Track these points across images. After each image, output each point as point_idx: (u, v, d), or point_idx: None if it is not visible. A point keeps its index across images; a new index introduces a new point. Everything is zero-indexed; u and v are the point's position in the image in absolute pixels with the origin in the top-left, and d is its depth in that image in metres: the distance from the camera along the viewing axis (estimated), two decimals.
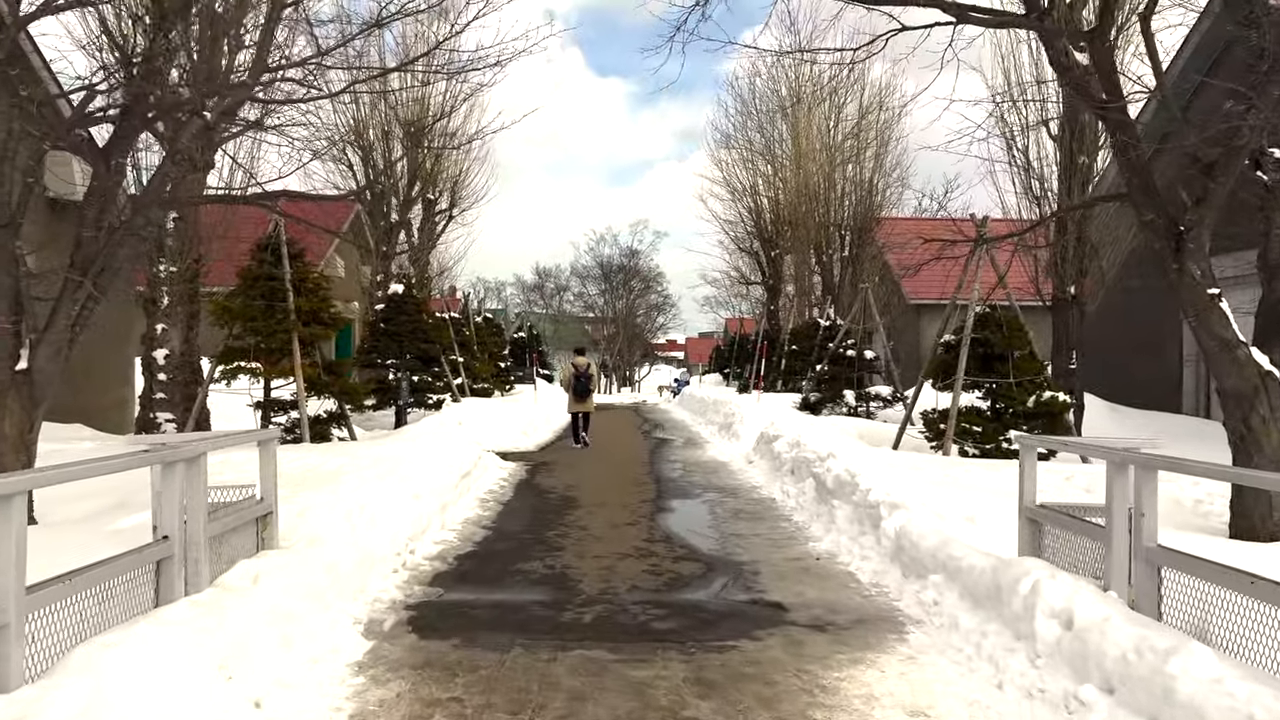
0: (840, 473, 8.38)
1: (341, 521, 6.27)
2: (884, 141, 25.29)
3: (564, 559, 6.79)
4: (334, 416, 11.43)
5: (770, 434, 12.40)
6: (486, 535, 7.73)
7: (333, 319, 11.20)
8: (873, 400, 16.34)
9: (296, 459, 9.01)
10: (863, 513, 7.34)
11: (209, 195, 10.43)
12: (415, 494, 7.69)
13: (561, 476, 11.73)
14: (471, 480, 10.04)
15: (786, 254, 30.35)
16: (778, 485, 10.40)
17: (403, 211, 22.19)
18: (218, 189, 13.19)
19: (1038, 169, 13.03)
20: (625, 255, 67.67)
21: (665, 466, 13.08)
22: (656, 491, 10.44)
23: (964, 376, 10.56)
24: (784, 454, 11.00)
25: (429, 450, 10.38)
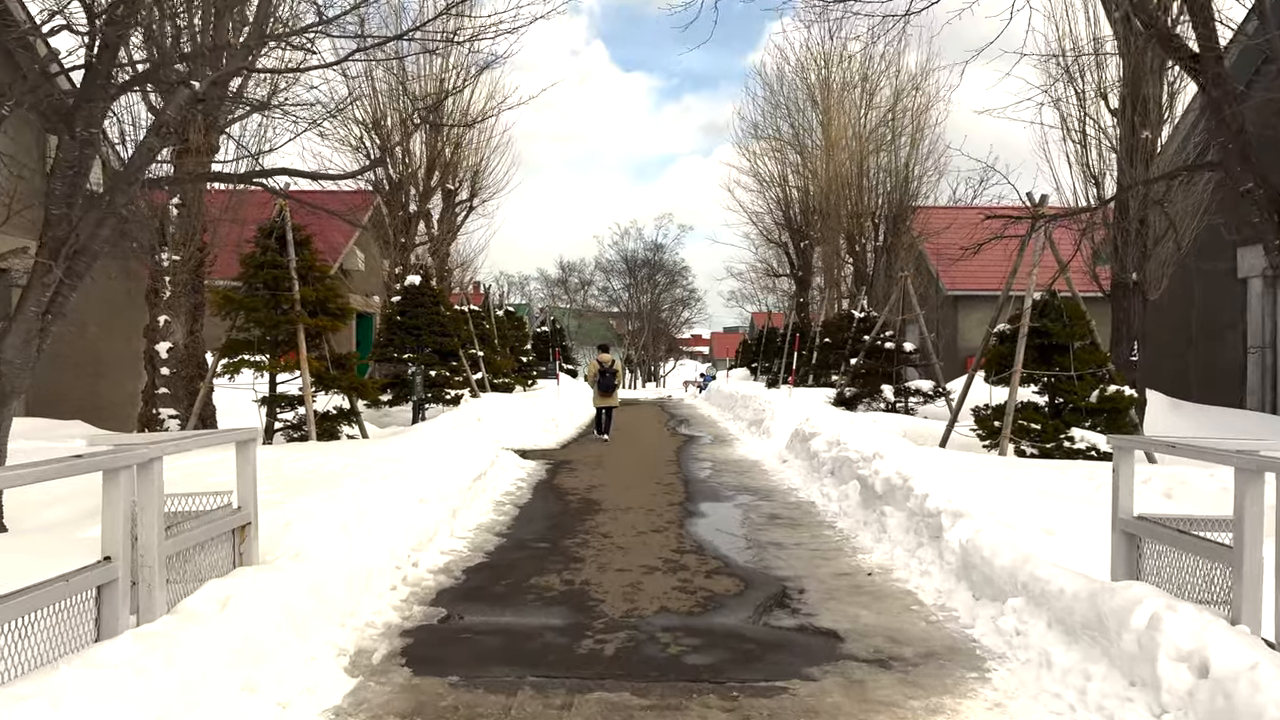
0: (890, 475, 7.58)
1: (335, 531, 5.58)
2: (919, 126, 24.32)
3: (584, 573, 6.06)
4: (344, 413, 10.79)
5: (806, 431, 11.60)
6: (500, 544, 7.01)
7: (341, 310, 10.55)
8: (912, 395, 15.48)
9: (300, 458, 8.36)
10: (919, 522, 6.54)
11: (197, 174, 9.78)
12: (421, 498, 7.00)
13: (584, 476, 11.01)
14: (486, 482, 9.35)
15: (817, 244, 29.44)
16: (816, 487, 9.61)
17: (422, 202, 21.59)
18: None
19: (1095, 145, 12.10)
20: (650, 249, 66.97)
21: (693, 466, 12.32)
22: (685, 494, 9.69)
23: (1021, 369, 9.70)
24: (822, 453, 10.21)
25: (441, 449, 9.70)
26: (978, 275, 28.83)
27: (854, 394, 16.41)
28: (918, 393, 15.39)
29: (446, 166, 21.98)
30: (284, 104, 11.45)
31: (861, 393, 16.09)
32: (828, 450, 10.10)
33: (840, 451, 9.45)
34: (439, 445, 10.04)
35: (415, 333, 15.82)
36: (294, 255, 10.16)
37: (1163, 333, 15.60)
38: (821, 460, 10.07)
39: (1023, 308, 9.92)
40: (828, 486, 9.31)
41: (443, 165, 21.88)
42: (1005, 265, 29.95)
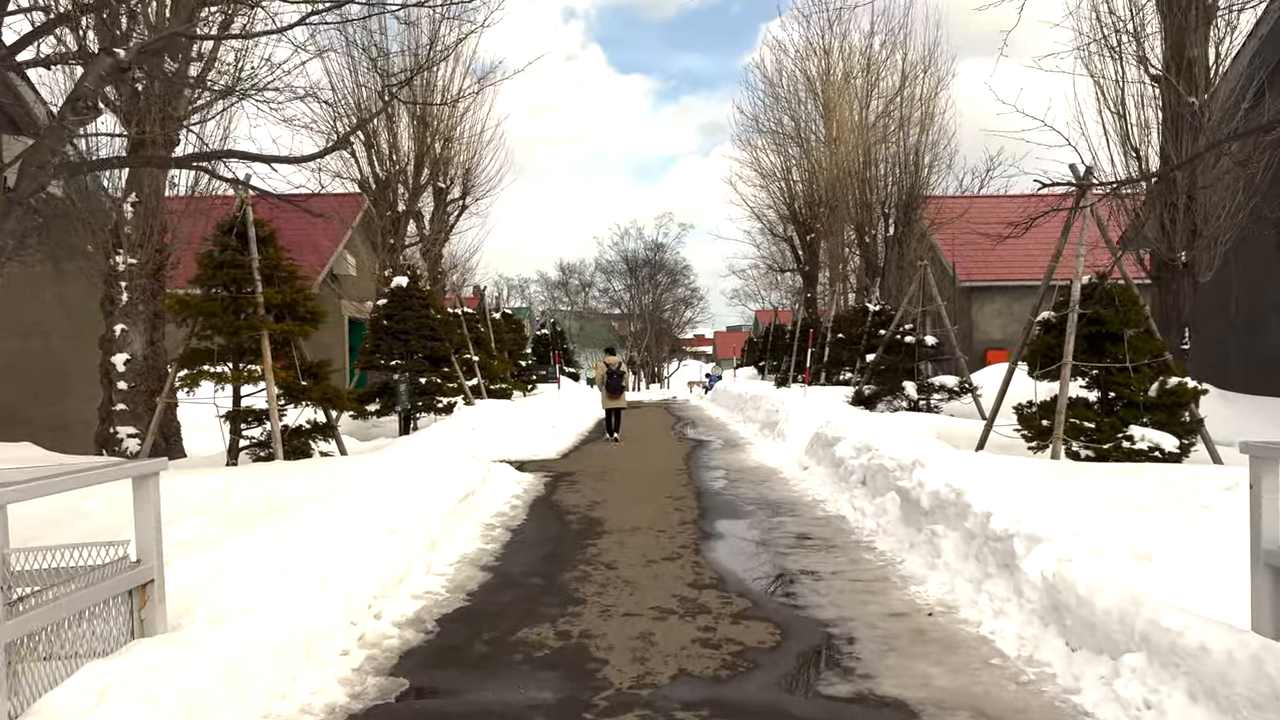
0: (938, 489, 6.52)
1: (276, 579, 4.54)
2: (929, 112, 23.23)
3: (584, 620, 5.00)
4: (318, 427, 9.76)
5: (829, 435, 10.54)
6: (485, 581, 5.96)
7: (312, 313, 9.51)
8: (936, 392, 14.41)
9: (257, 482, 7.32)
10: (983, 546, 5.48)
11: (139, 157, 8.76)
12: (392, 529, 5.95)
13: (585, 491, 9.96)
14: (475, 502, 8.30)
15: (824, 237, 28.37)
16: (846, 499, 8.55)
17: (411, 200, 20.56)
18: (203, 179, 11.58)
19: (1137, 116, 11.03)
20: (650, 249, 65.97)
21: (705, 475, 11.27)
22: (698, 509, 8.64)
23: (1072, 361, 8.64)
24: (850, 460, 9.15)
25: (424, 466, 8.66)
26: (993, 266, 27.78)
27: (873, 392, 15.35)
28: (942, 389, 14.33)
29: (436, 163, 20.95)
30: (250, 90, 10.45)
31: (882, 390, 15.02)
32: (856, 457, 9.04)
33: (872, 459, 8.39)
34: (422, 461, 9.01)
35: (403, 337, 14.78)
36: (256, 253, 9.12)
37: (1197, 318, 14.53)
38: (850, 468, 9.01)
39: (1070, 293, 8.85)
40: (859, 499, 8.26)
41: (432, 161, 20.85)
42: (1023, 255, 28.82)
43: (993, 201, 30.23)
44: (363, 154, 19.92)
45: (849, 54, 28.15)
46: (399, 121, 20.24)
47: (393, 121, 20.12)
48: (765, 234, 38.11)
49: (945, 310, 15.01)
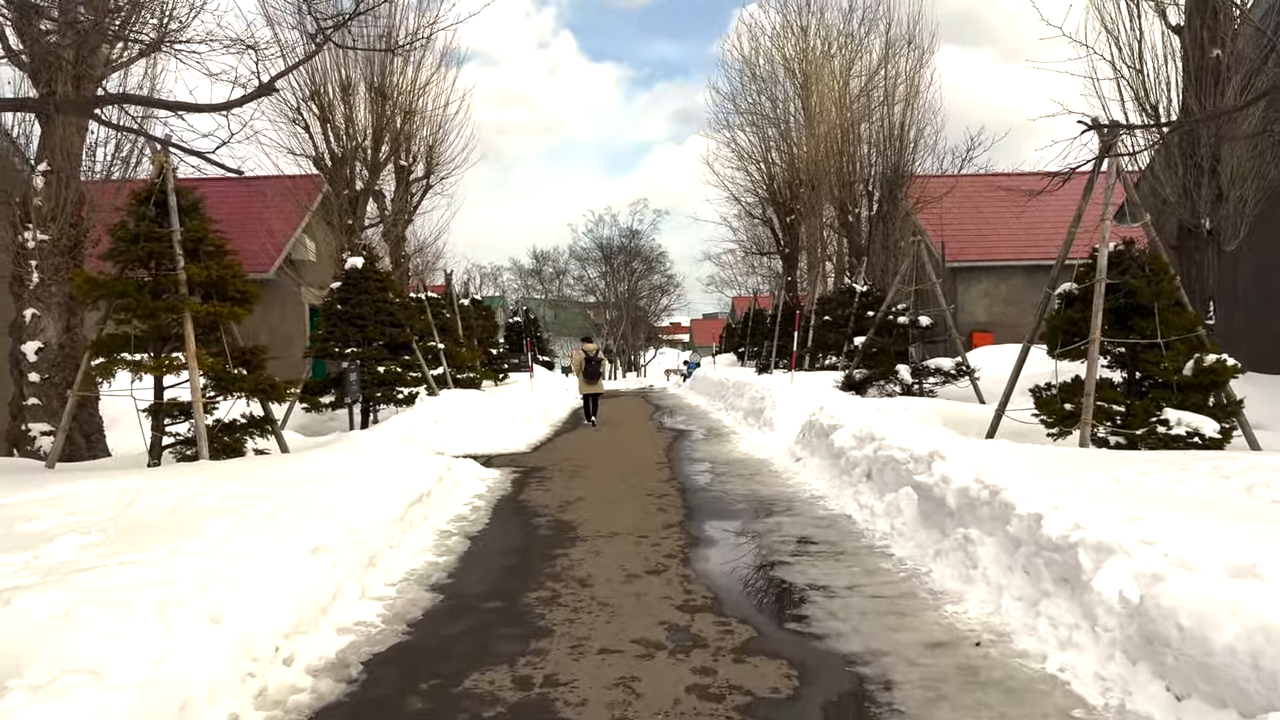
0: (968, 485, 5.57)
1: (149, 620, 3.50)
2: (914, 87, 22.31)
3: (550, 660, 4.00)
4: (255, 422, 8.67)
5: (824, 423, 9.60)
6: (432, 606, 4.94)
7: (243, 293, 8.40)
8: (931, 374, 13.52)
9: (169, 488, 6.24)
10: (1034, 556, 4.53)
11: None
12: (317, 545, 4.90)
13: (557, 489, 8.95)
14: (429, 506, 7.26)
15: (805, 219, 27.45)
16: (849, 496, 7.60)
17: (371, 178, 19.36)
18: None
19: (1154, 72, 10.14)
20: (625, 236, 64.91)
21: (689, 468, 10.29)
22: (684, 509, 7.66)
23: (1096, 338, 7.72)
24: (851, 451, 8.21)
25: (372, 465, 7.60)
26: (979, 245, 27.02)
27: (864, 376, 14.44)
28: (938, 372, 13.44)
29: (397, 138, 19.76)
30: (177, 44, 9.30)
31: (873, 375, 14.12)
32: (859, 447, 8.10)
33: (879, 450, 7.44)
34: (370, 460, 7.95)
35: (359, 323, 13.65)
36: (178, 224, 7.99)
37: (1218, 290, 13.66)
38: (852, 460, 8.06)
39: (1096, 261, 7.93)
40: (865, 495, 7.31)
41: (393, 137, 19.66)
42: (1009, 235, 27.99)
43: (979, 180, 29.54)
44: (318, 130, 18.73)
45: (827, 31, 27.26)
46: (356, 93, 19.05)
47: (349, 94, 18.92)
48: (744, 217, 37.19)
49: (927, 291, 14.11)
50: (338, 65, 18.76)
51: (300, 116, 18.63)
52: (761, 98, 29.87)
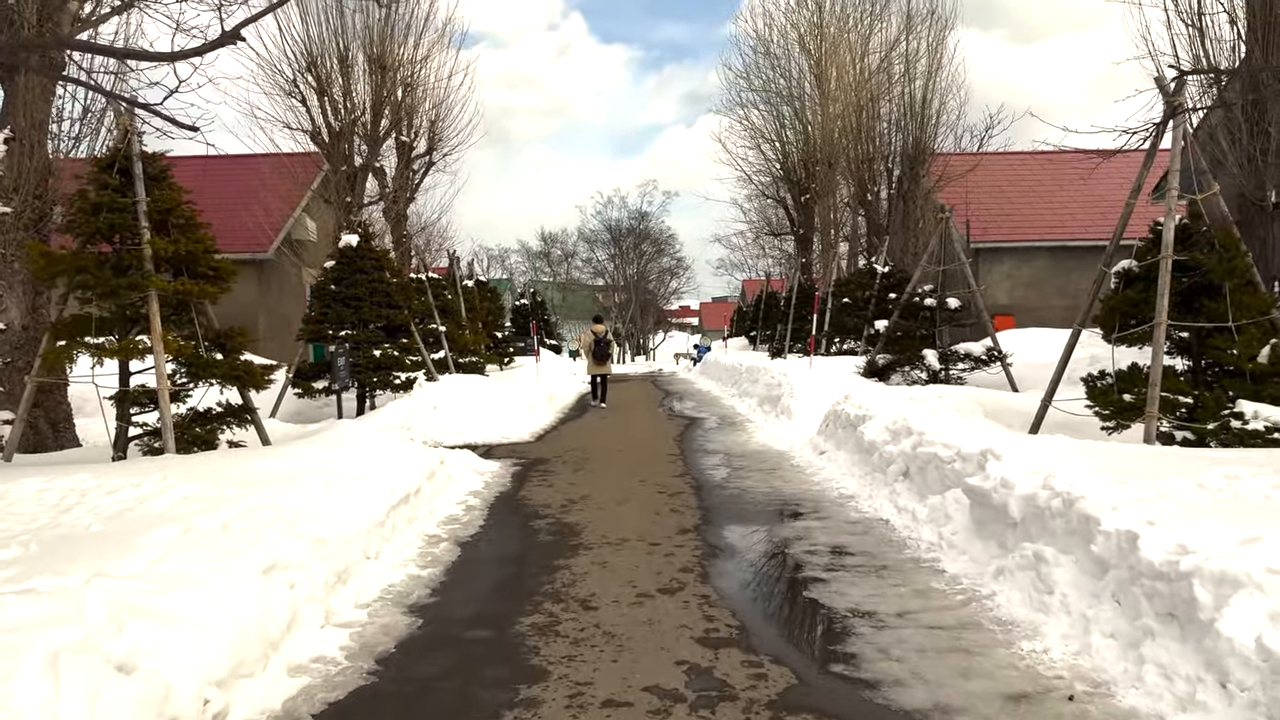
0: (1034, 491, 4.79)
1: (29, 679, 2.76)
2: (937, 61, 21.35)
3: (545, 712, 3.26)
4: (232, 411, 7.94)
5: (851, 414, 8.82)
6: (407, 635, 4.20)
7: (216, 269, 7.65)
8: (961, 360, 12.71)
9: (120, 488, 5.51)
10: (1130, 584, 3.75)
11: None
12: (272, 563, 4.16)
13: (561, 484, 8.21)
14: (417, 506, 6.53)
15: (822, 196, 26.52)
16: (884, 497, 6.83)
17: (370, 154, 18.57)
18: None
19: (1213, 28, 9.25)
20: (634, 218, 63.96)
21: (703, 461, 9.54)
22: (699, 510, 6.90)
23: (1162, 321, 6.90)
24: (885, 446, 7.42)
25: (356, 460, 6.87)
26: (1001, 225, 26.05)
27: (888, 362, 13.63)
28: (968, 357, 12.63)
29: (398, 112, 18.95)
30: None
31: (898, 360, 13.31)
32: (893, 442, 7.32)
33: (919, 446, 6.65)
34: (355, 453, 7.21)
35: (354, 304, 12.91)
36: (143, 194, 7.23)
37: None
38: (885, 456, 7.28)
39: (1162, 236, 7.09)
40: (903, 497, 6.53)
41: (393, 110, 18.85)
42: (1032, 214, 27.01)
43: (1001, 158, 28.53)
44: (315, 103, 17.94)
45: (843, 3, 26.21)
46: (355, 65, 18.23)
47: (347, 65, 18.11)
48: (756, 197, 36.26)
49: (948, 273, 13.27)
50: (336, 35, 17.98)
51: (296, 89, 17.86)
52: (775, 74, 28.90)
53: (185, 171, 25.05)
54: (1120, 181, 28.81)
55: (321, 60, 17.88)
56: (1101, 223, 26.45)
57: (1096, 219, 26.44)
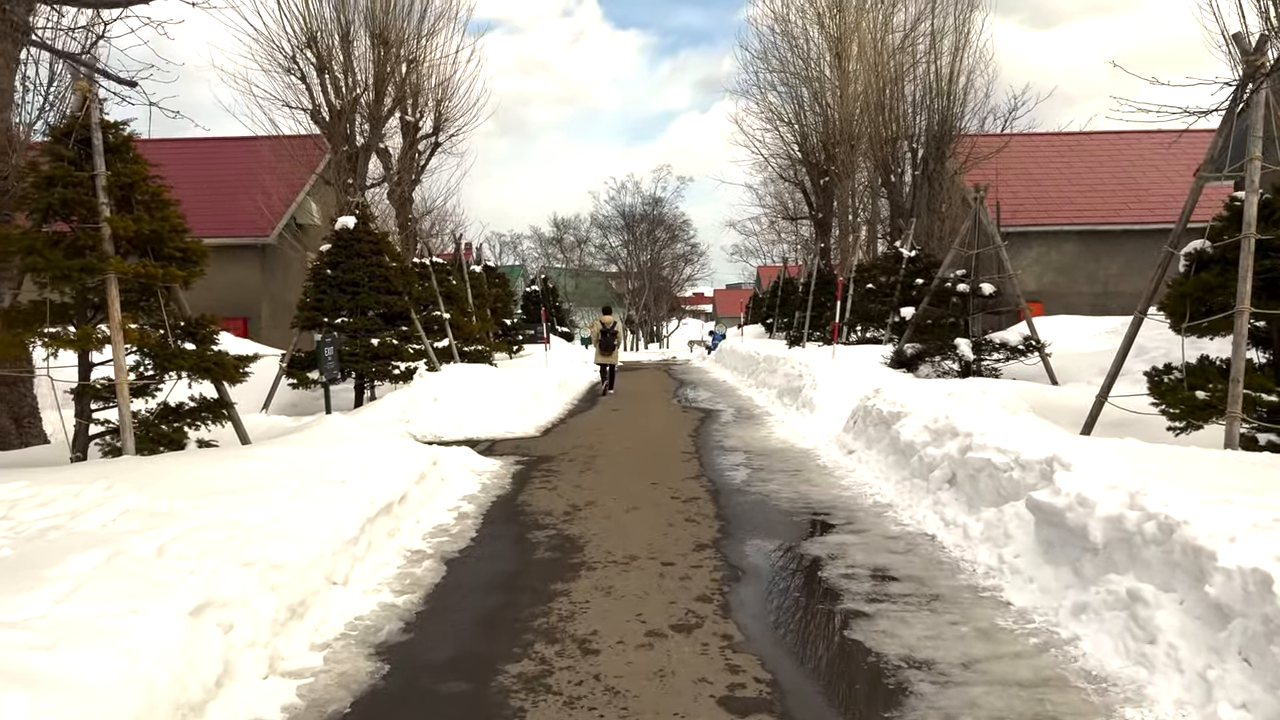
0: (1120, 511, 4.01)
1: None
2: (965, 35, 20.36)
3: None
4: (208, 405, 7.25)
5: (883, 409, 8.04)
6: (369, 688, 3.47)
7: (185, 250, 6.95)
8: (996, 350, 11.87)
9: (54, 499, 4.81)
10: (1264, 640, 2.98)
11: None
12: (204, 601, 3.44)
13: (565, 487, 7.48)
14: (401, 516, 5.82)
15: (842, 179, 25.59)
16: (927, 507, 6.07)
17: (372, 133, 17.84)
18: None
19: None
20: (648, 203, 63.04)
21: (720, 460, 8.79)
22: (718, 520, 6.16)
23: (1245, 308, 6.08)
24: (925, 448, 6.65)
25: (338, 462, 6.15)
26: (1029, 209, 25.05)
27: (916, 352, 12.82)
28: (1003, 347, 11.80)
29: (401, 89, 18.20)
30: None
31: (927, 349, 12.49)
32: (935, 443, 6.54)
33: (968, 450, 5.87)
34: (338, 454, 6.49)
35: (350, 290, 12.20)
36: (102, 166, 6.51)
37: None
38: (926, 460, 6.51)
39: (1243, 212, 6.25)
40: (951, 508, 5.76)
41: (397, 88, 18.10)
42: (1060, 197, 25.93)
43: (1027, 139, 27.47)
44: (315, 80, 17.21)
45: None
46: (357, 40, 17.48)
47: (349, 41, 17.36)
48: (771, 182, 35.33)
49: (1005, 252, 12.42)
50: (337, 9, 17.21)
51: (296, 66, 17.13)
52: (794, 55, 27.88)
53: (185, 155, 24.48)
54: (1154, 162, 27.80)
55: (322, 36, 17.14)
56: (1134, 205, 25.45)
57: (1130, 201, 25.43)
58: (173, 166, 24.44)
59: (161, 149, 25.84)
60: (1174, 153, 27.79)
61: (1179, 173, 26.65)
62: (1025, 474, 5.13)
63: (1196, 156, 28.21)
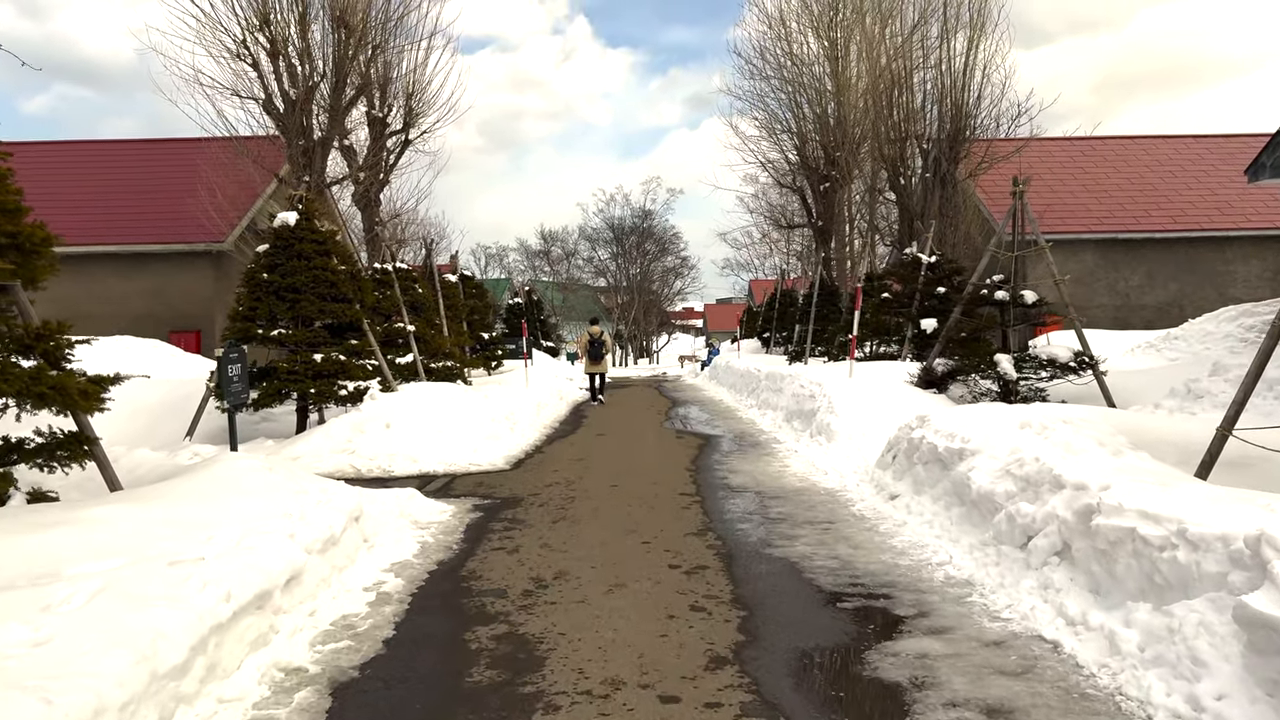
0: None
1: None
2: (980, 22, 18.82)
3: None
4: (62, 442, 5.47)
5: (938, 445, 6.32)
6: None
7: (33, 241, 5.18)
8: (1044, 367, 10.18)
9: None
10: None
11: None
12: None
13: (529, 546, 5.71)
14: (286, 608, 4.05)
15: (844, 184, 23.99)
16: (1028, 589, 4.34)
17: (331, 126, 16.07)
18: None
19: None
20: (638, 216, 61.46)
21: (728, 505, 7.03)
22: (736, 607, 4.41)
23: None
24: (1013, 500, 4.93)
25: (195, 533, 4.36)
26: (1044, 217, 23.47)
27: (948, 369, 11.13)
28: (1051, 364, 10.12)
29: (365, 78, 16.48)
30: None
31: (962, 366, 10.79)
32: (1029, 497, 4.82)
33: (1100, 514, 4.14)
34: (209, 515, 4.71)
35: (289, 297, 10.42)
36: None
37: None
38: (1017, 520, 4.77)
39: None
40: (1068, 595, 4.04)
41: (361, 77, 16.38)
42: (1075, 204, 24.30)
43: (1041, 145, 25.93)
44: (268, 67, 15.46)
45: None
46: (315, 24, 15.76)
47: (307, 24, 15.63)
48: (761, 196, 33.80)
49: (1050, 254, 10.75)
50: None
51: (246, 51, 15.38)
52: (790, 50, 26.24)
53: (126, 156, 22.64)
54: (1171, 169, 26.32)
55: (276, 17, 15.40)
56: (1155, 212, 23.90)
57: (1149, 208, 23.89)
58: (110, 169, 22.63)
59: (102, 150, 24.04)
60: (1191, 158, 26.39)
61: (1197, 178, 25.21)
62: (1204, 558, 3.41)
63: (1215, 161, 26.73)
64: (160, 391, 12.11)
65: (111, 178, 21.76)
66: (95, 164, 22.35)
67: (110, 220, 20.15)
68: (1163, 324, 21.91)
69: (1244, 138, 26.73)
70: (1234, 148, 26.04)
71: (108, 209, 20.52)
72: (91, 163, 22.40)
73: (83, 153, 23.03)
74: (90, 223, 19.96)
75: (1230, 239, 22.60)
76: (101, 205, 20.63)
